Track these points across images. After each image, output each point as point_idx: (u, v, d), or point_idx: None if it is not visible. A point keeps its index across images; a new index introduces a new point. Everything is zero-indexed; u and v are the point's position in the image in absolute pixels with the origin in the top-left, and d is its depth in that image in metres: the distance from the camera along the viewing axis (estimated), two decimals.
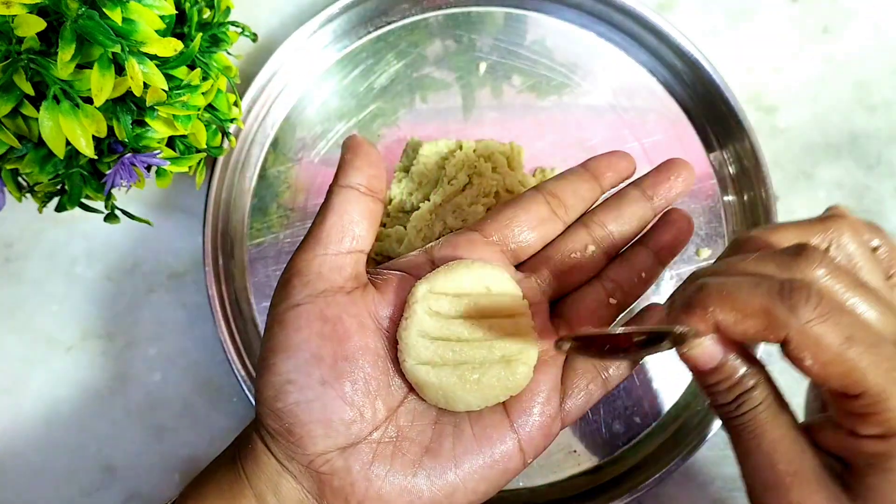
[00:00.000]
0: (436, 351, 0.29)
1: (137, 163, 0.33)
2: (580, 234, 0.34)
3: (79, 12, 0.28)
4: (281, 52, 0.45)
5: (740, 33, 0.49)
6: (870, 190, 0.48)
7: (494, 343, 0.30)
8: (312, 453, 0.28)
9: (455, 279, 0.30)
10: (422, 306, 0.30)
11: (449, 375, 0.29)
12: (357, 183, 0.31)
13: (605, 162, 0.36)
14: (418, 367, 0.29)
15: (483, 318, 0.30)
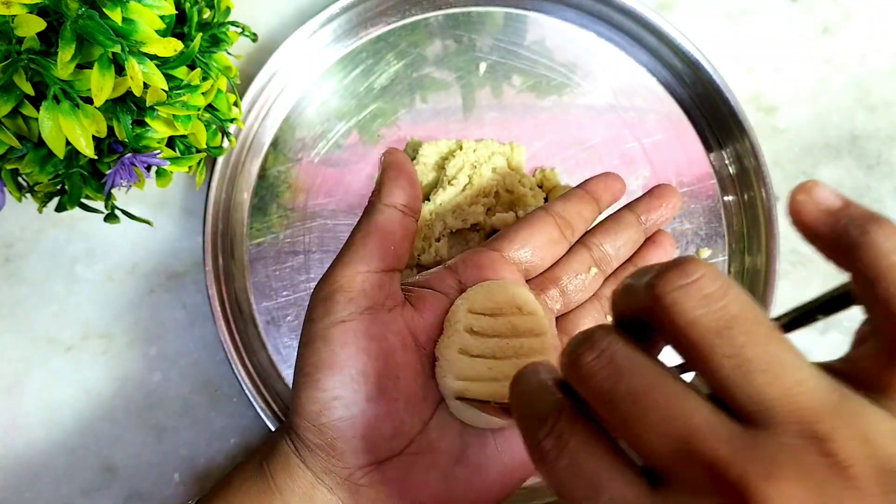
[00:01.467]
0: (474, 368, 0.30)
1: (137, 163, 0.33)
2: (584, 256, 0.36)
3: (79, 12, 0.28)
4: (281, 52, 0.45)
5: (740, 33, 0.49)
6: (870, 190, 0.48)
7: (522, 360, 0.31)
8: (353, 466, 0.29)
9: (492, 298, 0.31)
10: (463, 325, 0.31)
11: (483, 391, 0.30)
12: (400, 203, 0.32)
13: (603, 185, 0.38)
14: (457, 382, 0.30)
15: (515, 336, 0.31)
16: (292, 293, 0.45)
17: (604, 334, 0.19)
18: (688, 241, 0.46)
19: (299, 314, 0.45)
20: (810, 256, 0.48)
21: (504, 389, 0.30)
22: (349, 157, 0.46)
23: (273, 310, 0.45)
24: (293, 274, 0.45)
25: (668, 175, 0.47)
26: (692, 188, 0.47)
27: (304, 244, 0.45)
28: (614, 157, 0.47)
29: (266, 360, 0.44)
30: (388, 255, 0.31)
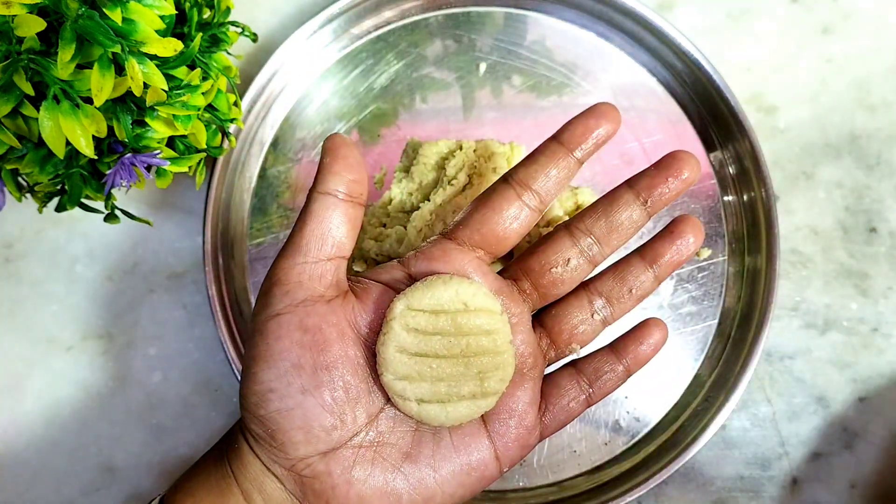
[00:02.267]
0: (413, 367, 0.30)
1: (137, 163, 0.33)
2: (564, 244, 0.33)
3: (79, 12, 0.28)
4: (281, 52, 0.45)
5: (740, 33, 0.49)
6: (870, 190, 0.48)
7: (471, 360, 0.30)
8: (294, 458, 0.29)
9: (432, 295, 0.30)
10: (399, 323, 0.30)
11: (425, 391, 0.30)
12: (335, 189, 0.31)
13: (581, 128, 0.32)
14: (396, 381, 0.30)
15: (460, 335, 0.30)
16: None
17: None
18: None
19: None
20: (810, 256, 0.48)
21: (449, 389, 0.30)
22: None
23: None
24: None
25: None
26: (692, 188, 0.47)
27: None
28: (614, 157, 0.47)
29: None
30: (325, 245, 0.30)
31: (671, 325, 0.46)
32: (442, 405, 0.30)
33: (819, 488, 0.46)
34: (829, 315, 0.47)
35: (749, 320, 0.45)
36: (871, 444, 0.46)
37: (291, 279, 0.30)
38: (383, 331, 0.30)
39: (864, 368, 0.47)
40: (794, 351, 0.47)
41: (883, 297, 0.47)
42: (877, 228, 0.48)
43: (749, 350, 0.44)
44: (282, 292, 0.30)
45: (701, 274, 0.46)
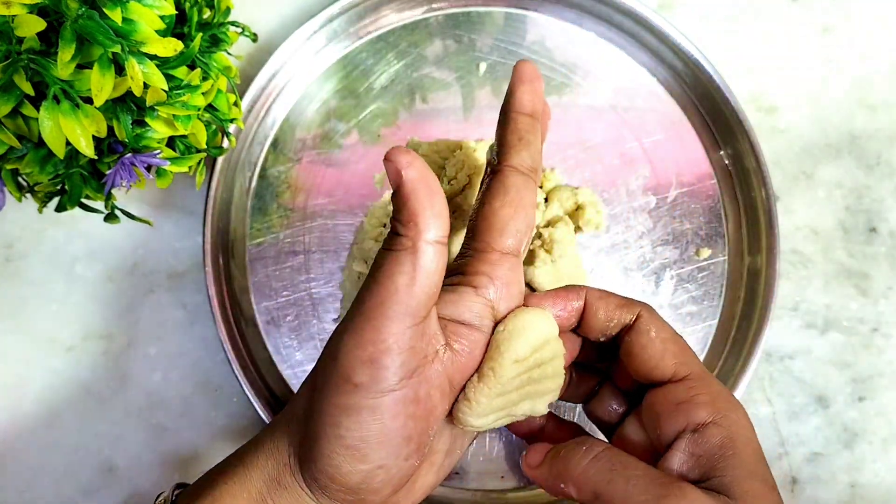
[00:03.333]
0: (494, 404, 0.30)
1: (137, 163, 0.33)
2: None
3: (79, 12, 0.28)
4: (281, 52, 0.45)
5: (740, 33, 0.49)
6: (870, 190, 0.48)
7: (534, 388, 0.31)
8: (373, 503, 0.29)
9: (531, 344, 0.29)
10: (507, 376, 0.29)
11: (497, 423, 0.31)
12: (442, 237, 0.27)
13: (529, 92, 0.33)
14: (480, 420, 0.30)
15: (537, 367, 0.30)
16: (292, 293, 0.45)
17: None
18: (688, 241, 0.46)
19: (299, 314, 0.45)
20: (810, 256, 0.48)
21: (513, 411, 0.31)
22: (349, 157, 0.46)
23: (273, 310, 0.45)
24: (293, 274, 0.45)
25: (668, 175, 0.47)
26: (692, 188, 0.47)
27: (304, 244, 0.45)
28: (614, 157, 0.47)
29: (266, 360, 0.44)
30: (433, 299, 0.27)
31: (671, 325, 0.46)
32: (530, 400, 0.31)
33: (819, 488, 0.46)
34: (829, 315, 0.47)
35: (749, 320, 0.45)
36: (871, 444, 0.46)
37: (404, 345, 0.26)
38: (487, 383, 0.29)
39: (864, 368, 0.47)
40: (794, 351, 0.47)
41: (883, 297, 0.47)
42: (877, 228, 0.48)
43: (749, 350, 0.44)
44: (397, 364, 0.26)
45: (701, 274, 0.46)
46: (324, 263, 0.45)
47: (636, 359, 0.31)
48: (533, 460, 0.31)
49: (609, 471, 0.28)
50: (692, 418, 0.29)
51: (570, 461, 0.29)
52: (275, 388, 0.44)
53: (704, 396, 0.29)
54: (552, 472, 0.29)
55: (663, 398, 0.30)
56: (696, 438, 0.28)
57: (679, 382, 0.30)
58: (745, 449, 0.28)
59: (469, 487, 0.44)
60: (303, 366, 0.44)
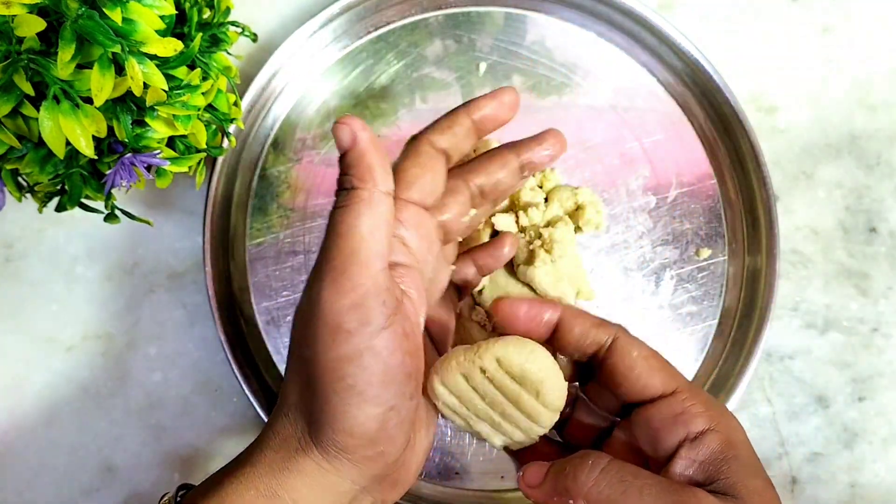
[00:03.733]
0: (466, 393, 0.31)
1: (137, 163, 0.33)
2: (465, 196, 0.35)
3: (79, 12, 0.28)
4: (281, 52, 0.45)
5: (740, 33, 0.49)
6: (870, 190, 0.48)
7: (506, 421, 0.32)
8: (391, 461, 0.30)
9: (521, 366, 0.30)
10: (482, 365, 0.30)
11: (462, 420, 0.32)
12: (391, 189, 0.30)
13: (492, 110, 0.35)
14: (447, 394, 0.31)
15: (513, 404, 0.31)
16: (292, 293, 0.45)
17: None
18: (688, 241, 0.46)
19: None
20: (810, 256, 0.48)
21: (478, 427, 0.32)
22: None
23: (273, 310, 0.45)
24: (293, 274, 0.45)
25: (668, 175, 0.47)
26: (692, 188, 0.47)
27: (304, 244, 0.45)
28: (614, 157, 0.47)
29: (266, 361, 0.44)
30: (391, 244, 0.30)
31: (671, 326, 0.46)
32: (492, 427, 0.32)
33: (819, 488, 0.46)
34: (829, 315, 0.47)
35: (749, 320, 0.45)
36: (871, 444, 0.46)
37: (382, 286, 0.28)
38: (465, 356, 0.30)
39: (864, 368, 0.47)
40: (794, 351, 0.47)
41: (883, 297, 0.47)
42: (877, 228, 0.48)
43: (749, 350, 0.44)
44: (379, 302, 0.28)
45: (701, 274, 0.46)
46: None
47: (624, 379, 0.31)
48: (533, 479, 0.30)
49: (620, 482, 0.28)
50: (691, 428, 0.30)
51: (578, 476, 0.29)
52: (275, 388, 0.44)
53: (698, 407, 0.30)
54: (557, 489, 0.29)
55: (658, 413, 0.30)
56: (697, 446, 0.29)
57: (670, 397, 0.31)
58: (743, 450, 0.30)
59: (469, 487, 0.44)
60: None
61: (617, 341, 0.32)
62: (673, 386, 0.31)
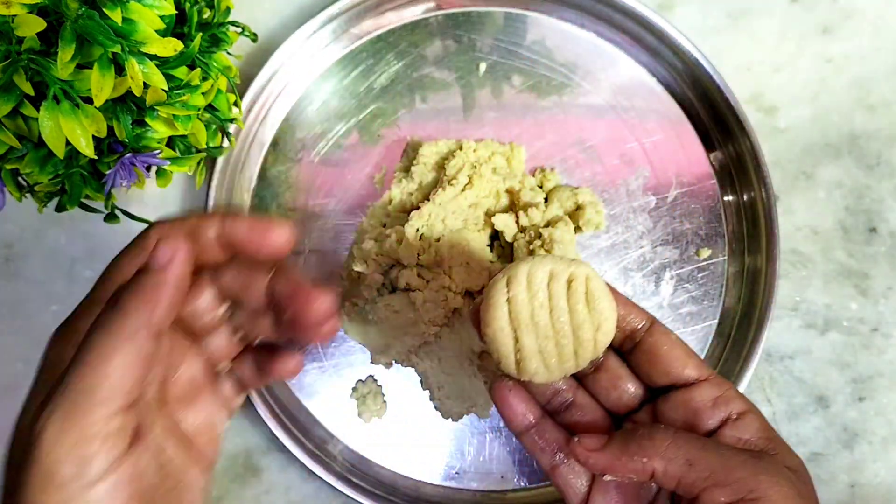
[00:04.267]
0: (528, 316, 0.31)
1: (137, 163, 0.33)
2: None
3: (79, 12, 0.28)
4: (281, 52, 0.45)
5: (740, 33, 0.49)
6: (870, 190, 0.48)
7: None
8: None
9: (578, 270, 0.31)
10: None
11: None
12: (162, 326, 0.24)
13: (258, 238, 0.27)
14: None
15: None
16: None
17: None
18: (688, 241, 0.46)
19: None
20: (810, 256, 0.48)
21: (525, 349, 0.31)
22: (349, 157, 0.46)
23: None
24: None
25: (668, 175, 0.47)
26: (692, 188, 0.47)
27: (303, 244, 0.45)
28: (614, 157, 0.47)
29: None
30: (138, 385, 0.24)
31: (671, 325, 0.46)
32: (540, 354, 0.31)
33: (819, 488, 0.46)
34: (829, 315, 0.47)
35: (749, 320, 0.45)
36: (871, 444, 0.46)
37: (115, 426, 0.23)
38: (512, 269, 0.31)
39: (864, 368, 0.47)
40: (794, 351, 0.47)
41: (883, 297, 0.47)
42: (877, 228, 0.48)
43: (749, 350, 0.44)
44: (106, 447, 0.23)
45: (701, 274, 0.46)
46: (324, 263, 0.45)
47: (664, 361, 0.32)
48: (593, 443, 0.31)
49: (698, 440, 0.30)
50: (732, 409, 0.31)
51: (655, 435, 0.30)
52: (274, 388, 0.44)
53: (733, 391, 0.32)
54: (629, 450, 0.30)
55: (699, 395, 0.32)
56: (740, 425, 0.31)
57: (706, 381, 0.32)
58: (776, 431, 0.32)
59: (469, 487, 0.44)
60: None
61: (655, 325, 0.33)
62: (706, 371, 0.32)
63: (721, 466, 0.29)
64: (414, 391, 0.44)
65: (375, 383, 0.44)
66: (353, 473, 0.43)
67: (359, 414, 0.44)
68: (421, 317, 0.42)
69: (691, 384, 0.32)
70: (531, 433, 0.33)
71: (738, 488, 0.28)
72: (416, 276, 0.43)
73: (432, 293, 0.42)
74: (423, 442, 0.44)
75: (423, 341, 0.43)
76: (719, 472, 0.28)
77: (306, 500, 0.45)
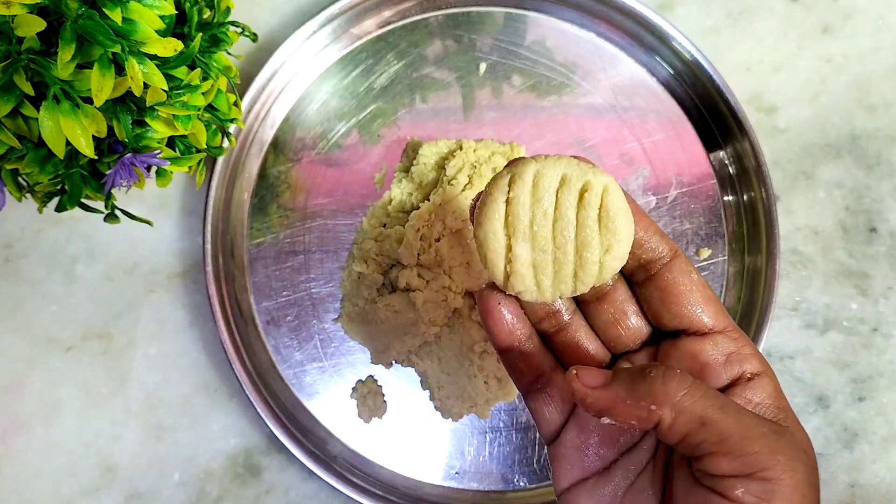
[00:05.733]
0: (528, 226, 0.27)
1: (137, 163, 0.33)
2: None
3: (79, 12, 0.28)
4: (281, 52, 0.45)
5: (740, 33, 0.49)
6: (870, 190, 0.48)
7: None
8: None
9: (593, 175, 0.26)
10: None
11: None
12: None
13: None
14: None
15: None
16: (292, 293, 0.45)
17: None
18: (688, 241, 0.46)
19: (299, 314, 0.45)
20: (810, 256, 0.48)
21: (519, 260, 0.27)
22: (349, 157, 0.46)
23: (273, 310, 0.45)
24: (293, 274, 0.45)
25: (668, 175, 0.47)
26: (692, 188, 0.47)
27: (304, 244, 0.45)
28: (614, 157, 0.47)
29: (266, 360, 0.44)
30: None
31: None
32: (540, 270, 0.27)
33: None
34: (829, 315, 0.47)
35: (749, 320, 0.45)
36: (871, 444, 0.46)
37: None
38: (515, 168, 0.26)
39: (864, 368, 0.47)
40: (794, 351, 0.47)
41: (883, 297, 0.47)
42: (877, 228, 0.48)
43: None
44: None
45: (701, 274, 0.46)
46: (324, 263, 0.45)
47: (679, 301, 0.28)
48: (592, 380, 0.26)
49: (716, 397, 0.25)
50: (746, 368, 0.28)
51: (668, 381, 0.25)
52: (274, 388, 0.44)
53: (749, 348, 0.28)
54: (635, 393, 0.25)
55: (711, 347, 0.28)
56: (753, 387, 0.28)
57: (721, 333, 0.28)
58: (787, 400, 0.28)
59: (469, 488, 0.44)
60: (302, 365, 0.44)
61: (678, 258, 0.29)
62: (724, 322, 0.29)
63: (739, 435, 0.25)
64: (414, 391, 0.44)
65: (375, 383, 0.44)
66: (353, 473, 0.43)
67: (359, 414, 0.44)
68: (421, 317, 0.42)
69: (704, 333, 0.28)
70: (514, 352, 0.29)
71: (751, 462, 0.24)
72: (416, 276, 0.43)
73: (432, 293, 0.42)
74: (423, 442, 0.44)
75: (423, 341, 0.43)
76: (734, 439, 0.24)
77: (306, 500, 0.45)
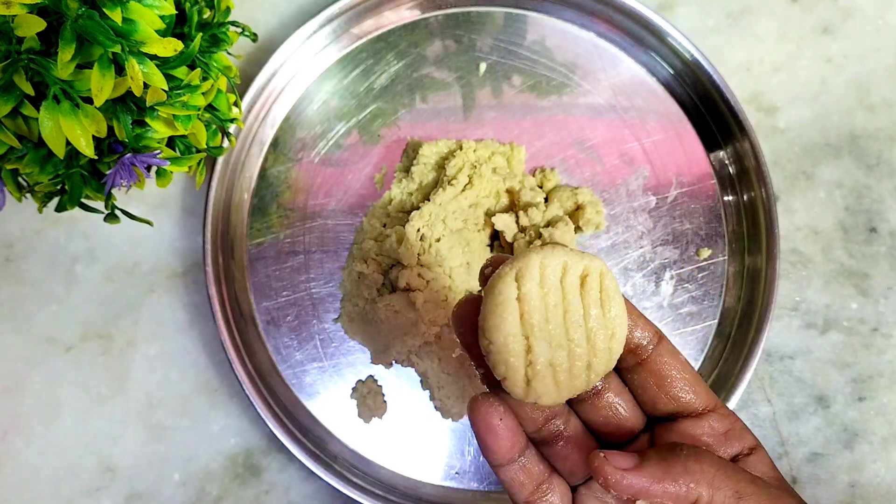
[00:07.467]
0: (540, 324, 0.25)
1: (137, 163, 0.33)
2: None
3: (79, 12, 0.28)
4: (281, 52, 0.45)
5: (740, 33, 0.49)
6: (870, 190, 0.48)
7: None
8: None
9: (592, 263, 0.26)
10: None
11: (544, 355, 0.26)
12: None
13: None
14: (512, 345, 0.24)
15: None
16: (292, 293, 0.45)
17: None
18: (688, 240, 0.46)
19: (299, 314, 0.45)
20: (810, 256, 0.48)
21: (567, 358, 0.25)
22: (349, 157, 0.46)
23: (273, 310, 0.45)
24: (293, 274, 0.45)
25: (668, 175, 0.47)
26: (692, 188, 0.47)
27: (304, 244, 0.45)
28: (614, 157, 0.47)
29: (266, 360, 0.44)
30: None
31: (671, 325, 0.46)
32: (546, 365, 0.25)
33: (819, 488, 0.46)
34: (829, 315, 0.47)
35: (749, 320, 0.45)
36: (871, 444, 0.46)
37: None
38: (519, 259, 0.25)
39: (864, 368, 0.47)
40: (794, 351, 0.47)
41: (883, 297, 0.47)
42: (877, 228, 0.48)
43: (749, 350, 0.44)
44: None
45: (701, 274, 0.46)
46: (324, 263, 0.45)
47: (672, 385, 0.28)
48: (627, 462, 0.25)
49: (744, 471, 0.26)
50: (745, 444, 0.28)
51: (703, 460, 0.25)
52: (274, 388, 0.44)
53: (740, 423, 0.28)
54: (671, 473, 0.25)
55: (709, 428, 0.28)
56: (753, 460, 0.28)
57: (714, 412, 0.28)
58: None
59: (469, 487, 0.44)
60: (303, 365, 0.44)
61: (663, 342, 0.28)
62: (713, 399, 0.29)
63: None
64: (414, 391, 0.44)
65: (375, 383, 0.44)
66: (353, 473, 0.43)
67: (359, 414, 0.44)
68: (421, 317, 0.42)
69: (699, 414, 0.28)
70: (514, 467, 0.28)
71: None
72: (416, 276, 0.43)
73: (432, 293, 0.42)
74: (423, 442, 0.44)
75: (423, 341, 0.43)
76: None
77: (306, 500, 0.45)
